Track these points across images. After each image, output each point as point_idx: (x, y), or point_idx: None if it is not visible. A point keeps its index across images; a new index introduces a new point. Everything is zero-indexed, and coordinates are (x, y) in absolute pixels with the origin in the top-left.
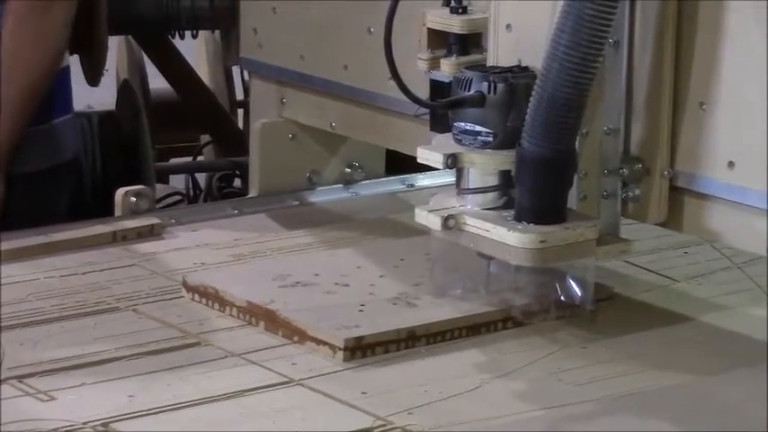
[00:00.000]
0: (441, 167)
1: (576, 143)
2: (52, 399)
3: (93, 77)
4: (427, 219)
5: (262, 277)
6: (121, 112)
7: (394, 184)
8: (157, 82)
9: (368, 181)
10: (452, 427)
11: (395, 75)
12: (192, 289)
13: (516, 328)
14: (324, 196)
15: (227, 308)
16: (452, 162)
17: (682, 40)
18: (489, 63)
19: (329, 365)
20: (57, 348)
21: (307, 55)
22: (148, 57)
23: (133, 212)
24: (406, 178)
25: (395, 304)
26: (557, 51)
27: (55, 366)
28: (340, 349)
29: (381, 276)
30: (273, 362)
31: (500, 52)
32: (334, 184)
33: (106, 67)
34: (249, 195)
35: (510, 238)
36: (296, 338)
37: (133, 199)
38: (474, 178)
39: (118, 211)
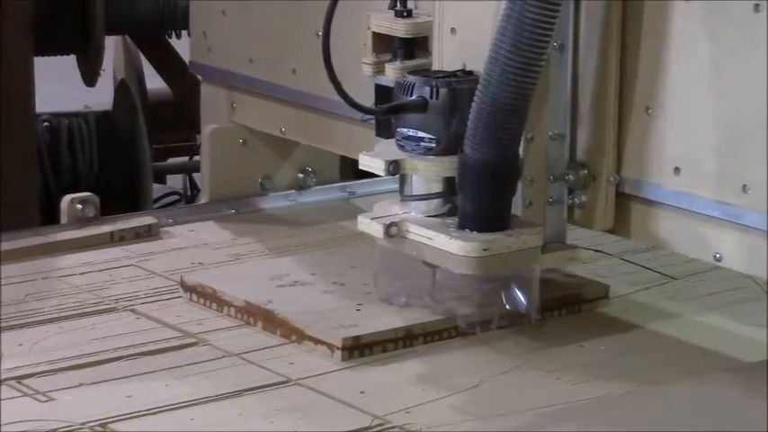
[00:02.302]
0: (382, 174)
1: (521, 149)
2: (51, 399)
3: (89, 78)
4: (369, 226)
5: (259, 277)
6: (118, 113)
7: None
8: (154, 82)
9: (363, 180)
10: (450, 426)
11: (333, 79)
12: (189, 289)
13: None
14: (320, 196)
15: (225, 308)
16: (394, 169)
17: (627, 44)
18: (434, 67)
19: (327, 365)
20: (55, 349)
21: (255, 59)
22: (145, 57)
23: (79, 220)
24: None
25: (392, 304)
26: (498, 56)
27: (53, 367)
28: (338, 348)
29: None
30: (271, 361)
31: (445, 56)
32: (286, 189)
33: (103, 68)
34: (200, 202)
35: (452, 247)
36: (294, 338)
37: (79, 206)
38: (417, 185)
39: (63, 219)
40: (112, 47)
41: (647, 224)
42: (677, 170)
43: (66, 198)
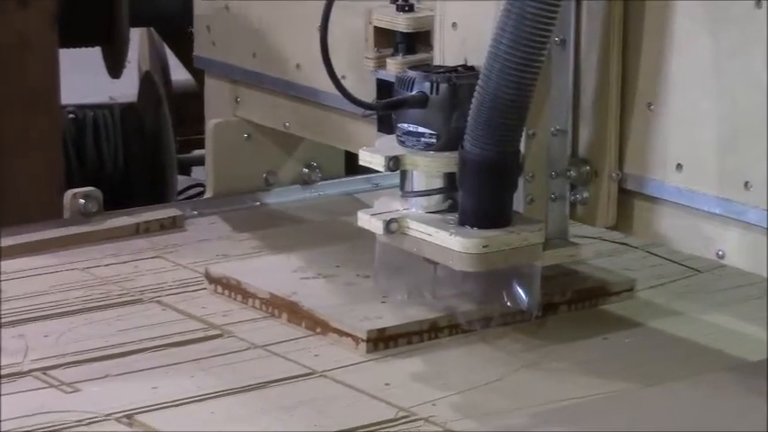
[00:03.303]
0: (382, 170)
1: (522, 145)
2: (76, 390)
3: (114, 69)
4: (369, 223)
5: (284, 269)
6: (143, 104)
7: None
8: (179, 73)
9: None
10: (475, 419)
11: (332, 75)
12: (214, 281)
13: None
14: (345, 187)
15: (250, 299)
16: (394, 165)
17: (629, 40)
18: (436, 62)
19: (352, 357)
20: (80, 340)
21: (259, 53)
22: (170, 48)
23: (82, 214)
24: None
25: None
26: (498, 51)
27: (79, 358)
28: (363, 341)
29: None
30: (296, 353)
31: (446, 51)
32: (291, 184)
33: (128, 59)
34: (205, 196)
35: (452, 243)
36: (319, 330)
37: (82, 201)
38: (418, 181)
39: (66, 214)
40: (137, 39)
41: (650, 221)
42: (679, 167)
43: (69, 193)
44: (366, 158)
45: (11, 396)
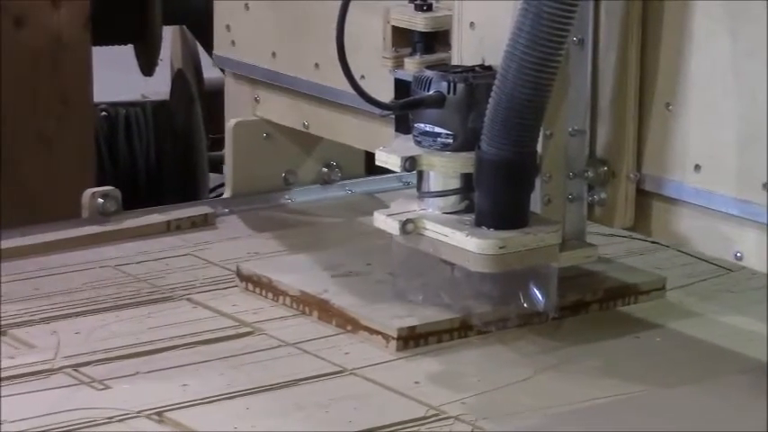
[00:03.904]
0: (398, 171)
1: (540, 145)
2: (107, 388)
3: (147, 67)
4: (386, 223)
5: (315, 267)
6: (175, 102)
7: None
8: (211, 72)
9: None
10: (505, 418)
11: (348, 75)
12: (245, 278)
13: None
14: (378, 185)
15: (281, 297)
16: (410, 165)
17: (647, 40)
18: (454, 62)
19: (382, 355)
20: (111, 337)
21: (279, 52)
22: (202, 46)
23: (100, 214)
24: None
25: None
26: (515, 51)
27: (110, 355)
28: (393, 339)
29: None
30: (327, 351)
31: (464, 51)
32: (310, 184)
33: (160, 57)
34: (224, 196)
35: (468, 244)
36: (349, 328)
37: (100, 200)
38: (434, 181)
39: (84, 213)
40: (170, 37)
41: (668, 222)
42: (698, 167)
43: (88, 192)
44: (382, 159)
45: (42, 392)
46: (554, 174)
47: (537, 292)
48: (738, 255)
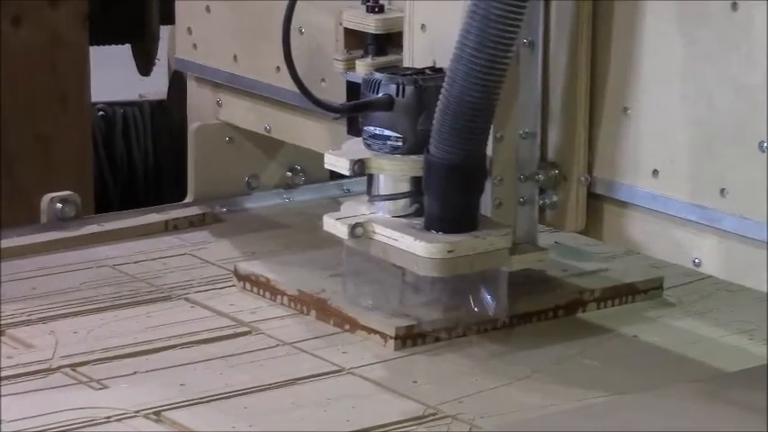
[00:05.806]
0: (348, 174)
1: (490, 148)
2: (105, 387)
3: (144, 67)
4: (335, 227)
5: (312, 266)
6: (173, 102)
7: None
8: None
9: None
10: (502, 416)
11: (294, 77)
12: (243, 278)
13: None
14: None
15: (279, 297)
16: (359, 168)
17: (598, 42)
18: (405, 64)
19: (380, 354)
20: (110, 337)
21: (240, 56)
22: None
23: (59, 219)
24: None
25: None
26: (463, 53)
27: (108, 355)
28: (391, 338)
29: None
30: (324, 350)
31: (415, 53)
32: (273, 188)
33: (158, 57)
34: (185, 200)
35: (417, 248)
36: (347, 327)
37: (59, 205)
38: (384, 185)
39: (43, 218)
40: (167, 36)
41: (621, 226)
42: (655, 172)
43: (47, 197)
44: (331, 162)
45: (40, 392)
46: (505, 177)
47: (487, 297)
48: (696, 261)
